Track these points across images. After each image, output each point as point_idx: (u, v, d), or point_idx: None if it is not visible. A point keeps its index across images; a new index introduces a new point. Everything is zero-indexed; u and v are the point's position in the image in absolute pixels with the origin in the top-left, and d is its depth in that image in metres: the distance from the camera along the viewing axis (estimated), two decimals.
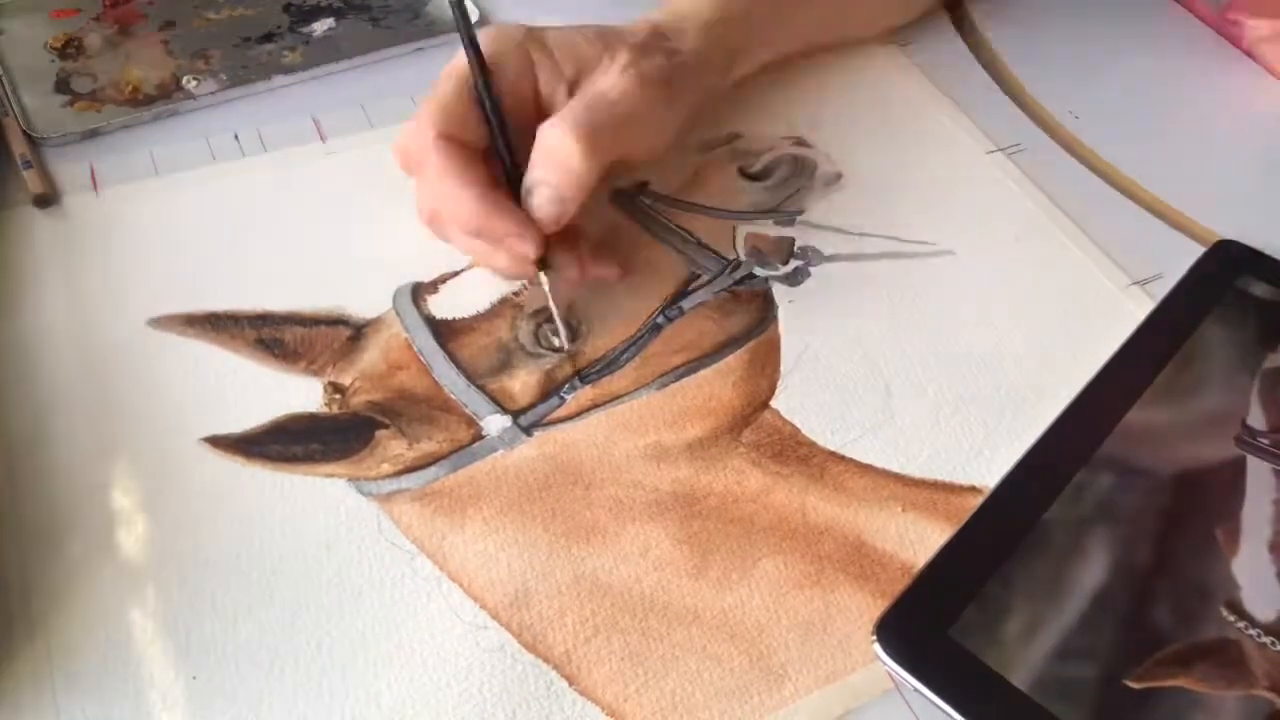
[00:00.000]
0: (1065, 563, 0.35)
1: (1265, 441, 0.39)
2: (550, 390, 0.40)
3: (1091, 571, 0.35)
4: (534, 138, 0.40)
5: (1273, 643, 0.33)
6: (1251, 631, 0.33)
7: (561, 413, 0.39)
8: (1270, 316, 0.44)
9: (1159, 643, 0.33)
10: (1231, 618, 0.34)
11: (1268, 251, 0.47)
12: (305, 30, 0.55)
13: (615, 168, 0.43)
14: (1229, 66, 0.58)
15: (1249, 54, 0.57)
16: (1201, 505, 0.37)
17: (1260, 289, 0.45)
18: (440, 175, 0.39)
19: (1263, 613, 0.34)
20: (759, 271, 0.45)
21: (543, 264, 0.40)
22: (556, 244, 0.41)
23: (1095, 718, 0.32)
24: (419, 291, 0.43)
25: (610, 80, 0.41)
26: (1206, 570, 0.35)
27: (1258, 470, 0.38)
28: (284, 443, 0.38)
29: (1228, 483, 0.38)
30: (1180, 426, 0.40)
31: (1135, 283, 0.45)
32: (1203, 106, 0.56)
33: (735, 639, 0.34)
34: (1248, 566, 0.35)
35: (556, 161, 0.39)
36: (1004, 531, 0.36)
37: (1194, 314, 0.43)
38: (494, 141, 0.41)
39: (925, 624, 0.33)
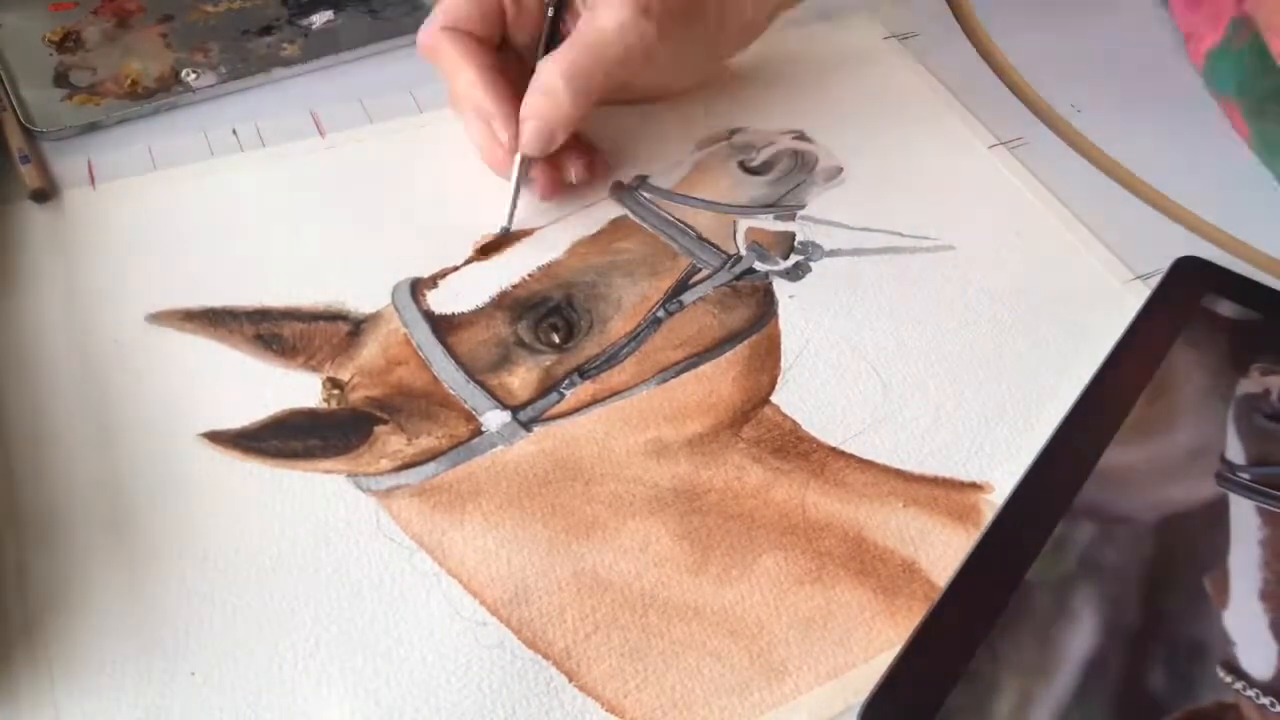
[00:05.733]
0: (1053, 628, 0.34)
1: (1246, 477, 0.37)
2: (550, 385, 0.40)
3: (1081, 637, 0.33)
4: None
5: (1272, 704, 0.32)
6: (1249, 693, 0.32)
7: (561, 408, 0.39)
8: (1239, 337, 0.42)
9: (1157, 712, 0.32)
10: (1229, 679, 0.33)
11: (1266, 248, 0.47)
12: (304, 23, 0.54)
13: (626, 95, 0.47)
14: None
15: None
16: (1187, 553, 0.36)
17: (1227, 308, 0.43)
18: (445, 57, 0.44)
19: (1259, 670, 0.33)
20: (759, 266, 0.44)
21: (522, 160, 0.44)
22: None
23: None
24: (418, 286, 0.42)
25: (609, 13, 0.42)
26: (1199, 626, 0.34)
27: (1240, 509, 0.37)
28: (282, 438, 0.37)
29: (1211, 525, 0.36)
30: (1158, 465, 0.38)
31: (1137, 277, 0.45)
32: (1205, 100, 0.55)
33: (735, 635, 0.34)
34: (1239, 618, 0.34)
35: (547, 98, 0.42)
36: (987, 596, 0.34)
37: (1163, 339, 0.42)
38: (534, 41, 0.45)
39: (911, 708, 0.32)
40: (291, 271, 0.43)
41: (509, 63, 0.45)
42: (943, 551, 0.36)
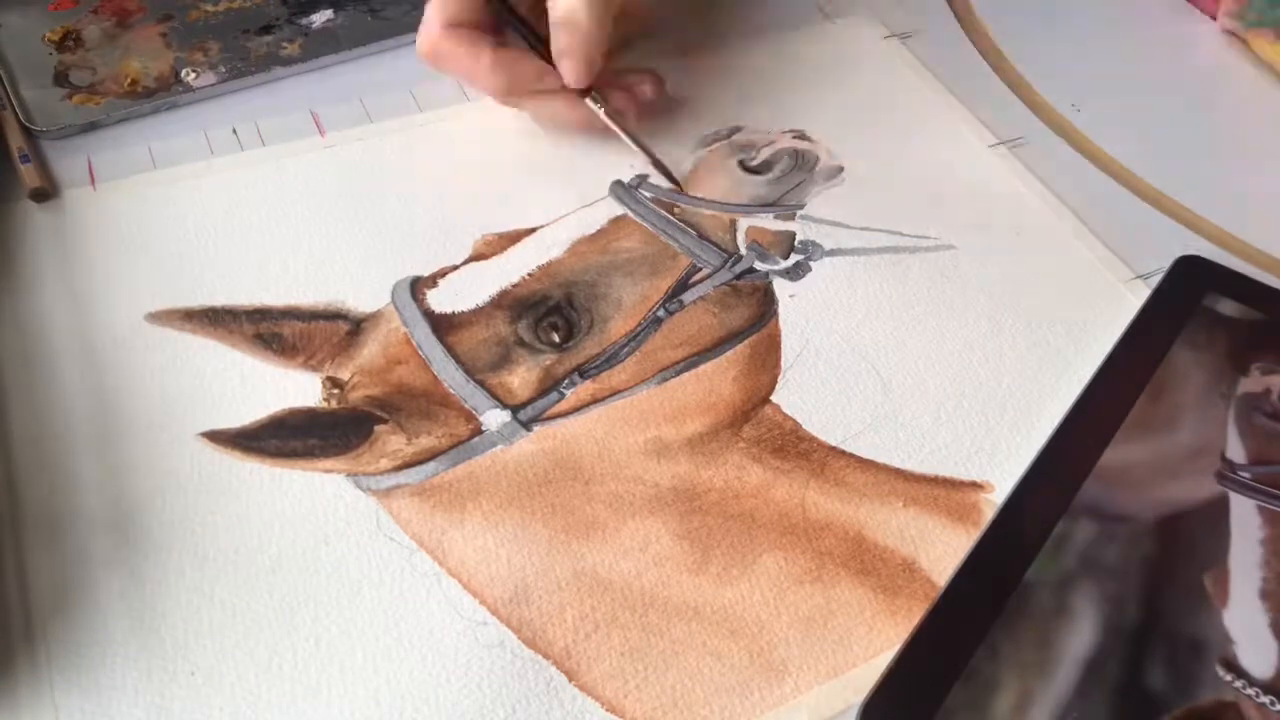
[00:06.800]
0: (1052, 626, 0.34)
1: (1246, 475, 0.37)
2: (550, 385, 0.40)
3: (1080, 635, 0.33)
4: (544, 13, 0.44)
5: (1271, 702, 0.32)
6: (1249, 691, 0.32)
7: (561, 407, 0.39)
8: (1240, 336, 0.42)
9: (1156, 710, 0.32)
10: (1228, 677, 0.33)
11: (1266, 247, 0.47)
12: (304, 22, 0.54)
13: (630, 26, 0.49)
14: (1231, 60, 0.58)
15: None
16: (1187, 551, 0.36)
17: (1228, 307, 0.43)
18: (452, 56, 0.44)
19: (1259, 669, 0.33)
20: (759, 266, 0.44)
21: (592, 97, 0.46)
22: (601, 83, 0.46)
23: None
24: (418, 285, 0.42)
25: None
26: (1198, 624, 0.34)
27: (1241, 507, 0.37)
28: (282, 438, 0.37)
29: (1212, 524, 0.36)
30: (1158, 464, 0.38)
31: (1137, 276, 0.45)
32: (1205, 100, 0.55)
33: (736, 635, 0.34)
34: (1240, 617, 0.34)
35: (569, 29, 0.43)
36: (987, 595, 0.34)
37: (1163, 338, 0.42)
38: (515, 27, 0.46)
39: (911, 706, 0.32)
40: (291, 271, 0.43)
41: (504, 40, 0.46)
42: (943, 551, 0.36)
